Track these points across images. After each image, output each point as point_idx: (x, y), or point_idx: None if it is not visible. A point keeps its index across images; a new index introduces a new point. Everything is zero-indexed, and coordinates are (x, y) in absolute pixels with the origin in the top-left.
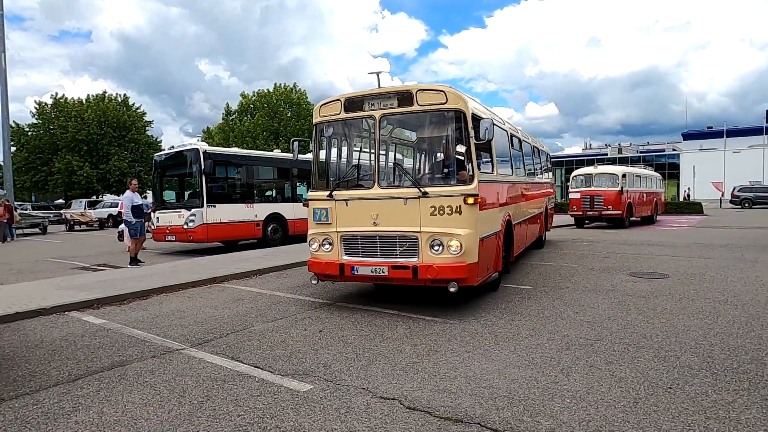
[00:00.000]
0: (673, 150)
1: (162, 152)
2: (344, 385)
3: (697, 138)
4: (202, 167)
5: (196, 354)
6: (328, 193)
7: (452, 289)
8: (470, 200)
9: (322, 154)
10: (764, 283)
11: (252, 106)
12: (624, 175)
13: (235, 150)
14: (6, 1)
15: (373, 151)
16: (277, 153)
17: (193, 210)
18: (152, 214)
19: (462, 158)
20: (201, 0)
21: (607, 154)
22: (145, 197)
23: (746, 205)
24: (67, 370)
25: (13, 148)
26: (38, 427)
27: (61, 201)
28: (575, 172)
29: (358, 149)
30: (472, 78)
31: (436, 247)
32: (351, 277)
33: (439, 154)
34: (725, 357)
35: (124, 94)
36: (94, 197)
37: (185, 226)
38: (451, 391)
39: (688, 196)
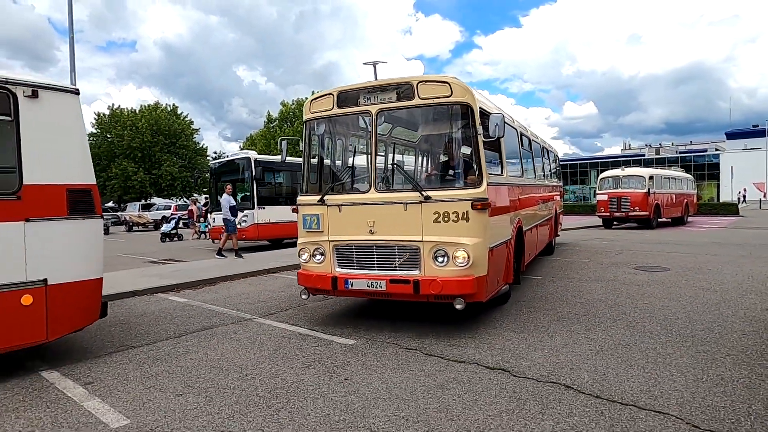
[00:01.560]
0: (716, 150)
1: (217, 160)
2: (380, 341)
3: (741, 137)
4: (253, 173)
5: (265, 321)
6: (319, 197)
7: (458, 306)
8: (479, 205)
9: (313, 155)
10: (754, 275)
11: (291, 114)
12: (651, 177)
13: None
14: (58, 15)
15: (369, 150)
16: None
17: (245, 211)
18: (209, 215)
19: (469, 158)
20: (239, 7)
21: (644, 155)
22: (197, 200)
23: None
24: (172, 330)
25: None
26: (165, 361)
27: (110, 204)
28: (603, 175)
29: (353, 149)
30: (507, 78)
31: (440, 259)
32: (345, 292)
33: (443, 154)
34: (683, 327)
35: (173, 104)
36: (143, 200)
37: (238, 226)
38: (459, 345)
39: (744, 197)
